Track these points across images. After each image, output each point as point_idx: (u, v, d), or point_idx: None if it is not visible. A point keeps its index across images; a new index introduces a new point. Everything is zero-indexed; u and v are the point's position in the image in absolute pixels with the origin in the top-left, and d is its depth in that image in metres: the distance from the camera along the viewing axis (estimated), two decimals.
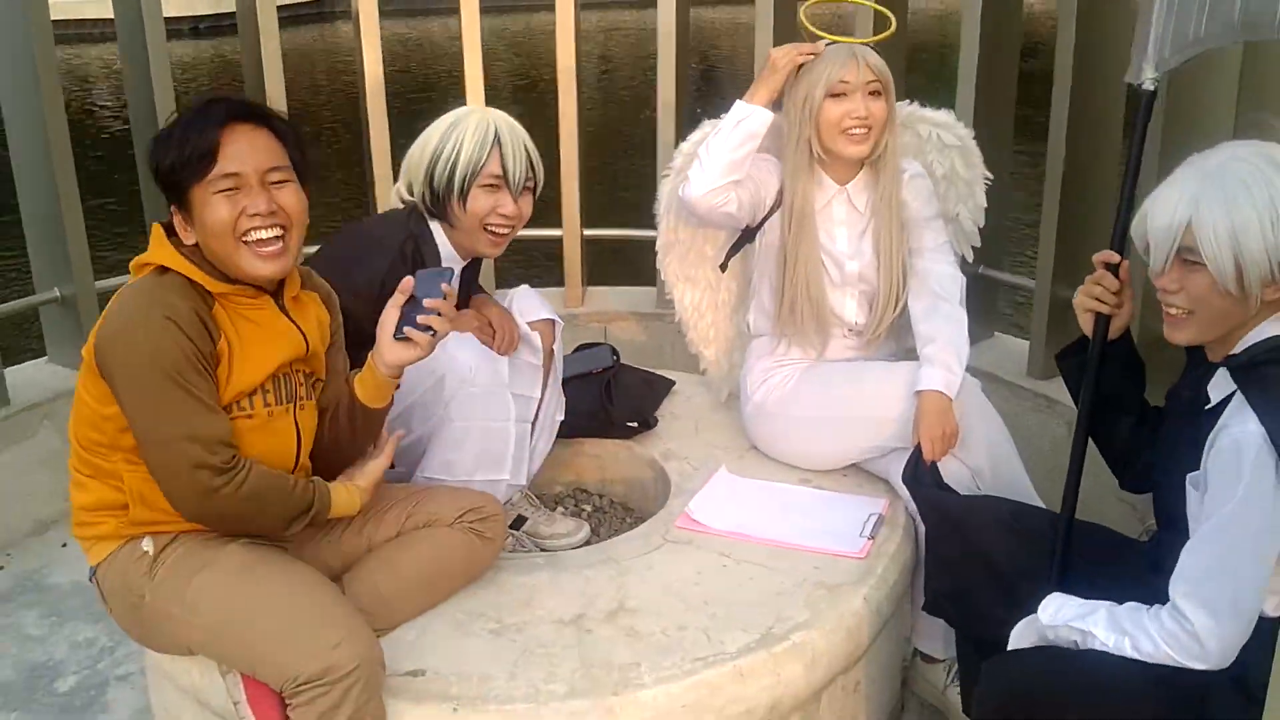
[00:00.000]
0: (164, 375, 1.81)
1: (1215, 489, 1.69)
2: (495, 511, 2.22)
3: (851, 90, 2.43)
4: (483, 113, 2.44)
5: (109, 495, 1.98)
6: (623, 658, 1.99)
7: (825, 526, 2.37)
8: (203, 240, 1.91)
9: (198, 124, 1.89)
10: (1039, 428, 3.17)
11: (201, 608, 1.93)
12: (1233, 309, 1.74)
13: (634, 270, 4.24)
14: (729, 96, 2.55)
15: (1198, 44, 1.91)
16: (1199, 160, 1.77)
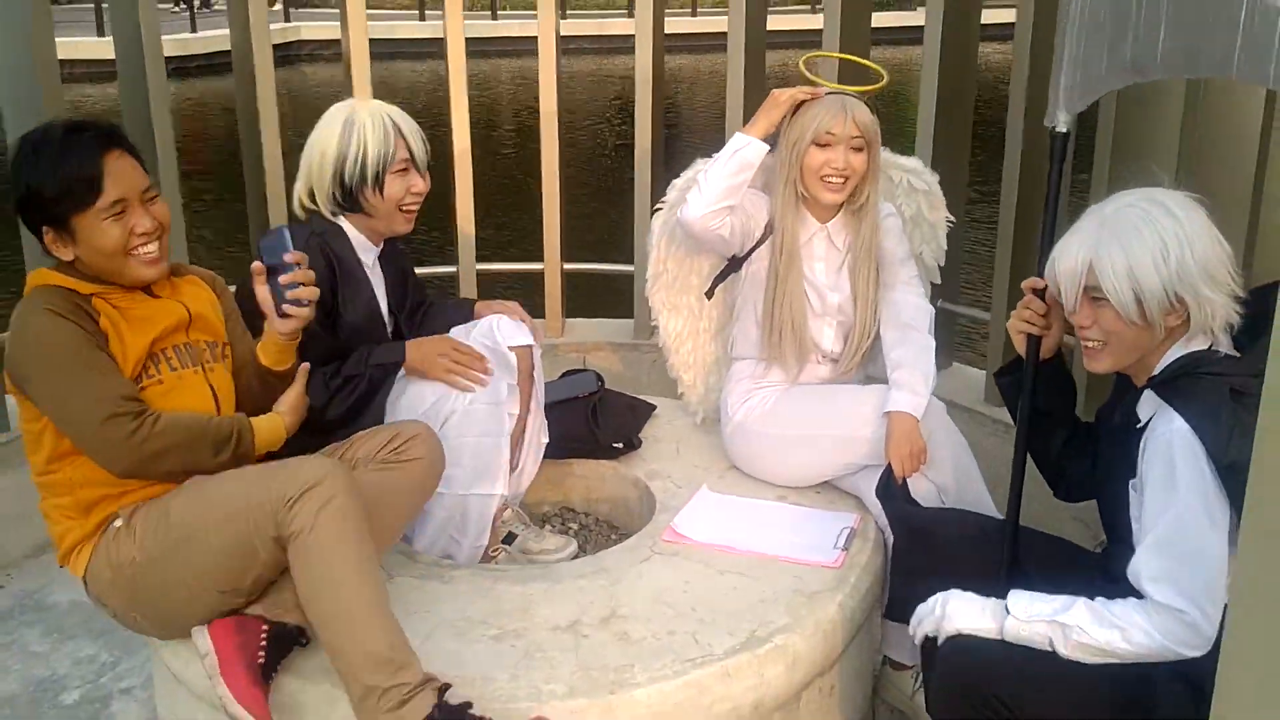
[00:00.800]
0: (58, 360, 2.01)
1: (1153, 485, 1.87)
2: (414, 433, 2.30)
3: (836, 142, 2.61)
4: (367, 107, 2.60)
5: (65, 503, 2.15)
6: (617, 660, 2.13)
7: (802, 539, 2.53)
8: (88, 258, 2.08)
9: (76, 156, 2.04)
10: (996, 450, 3.35)
11: (189, 516, 2.06)
12: (1140, 337, 1.95)
13: (610, 303, 4.41)
14: (690, 141, 2.73)
15: (1100, 87, 2.13)
16: (1096, 210, 1.99)
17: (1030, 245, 3.28)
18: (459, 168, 3.90)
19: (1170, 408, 1.89)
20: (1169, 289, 1.89)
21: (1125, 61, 2.02)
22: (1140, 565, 1.87)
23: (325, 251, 2.55)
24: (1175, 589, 1.82)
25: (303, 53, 19.92)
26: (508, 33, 21.13)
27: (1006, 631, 1.95)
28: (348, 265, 2.60)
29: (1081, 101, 2.16)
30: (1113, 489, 2.08)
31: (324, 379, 2.52)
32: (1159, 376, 1.97)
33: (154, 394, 2.12)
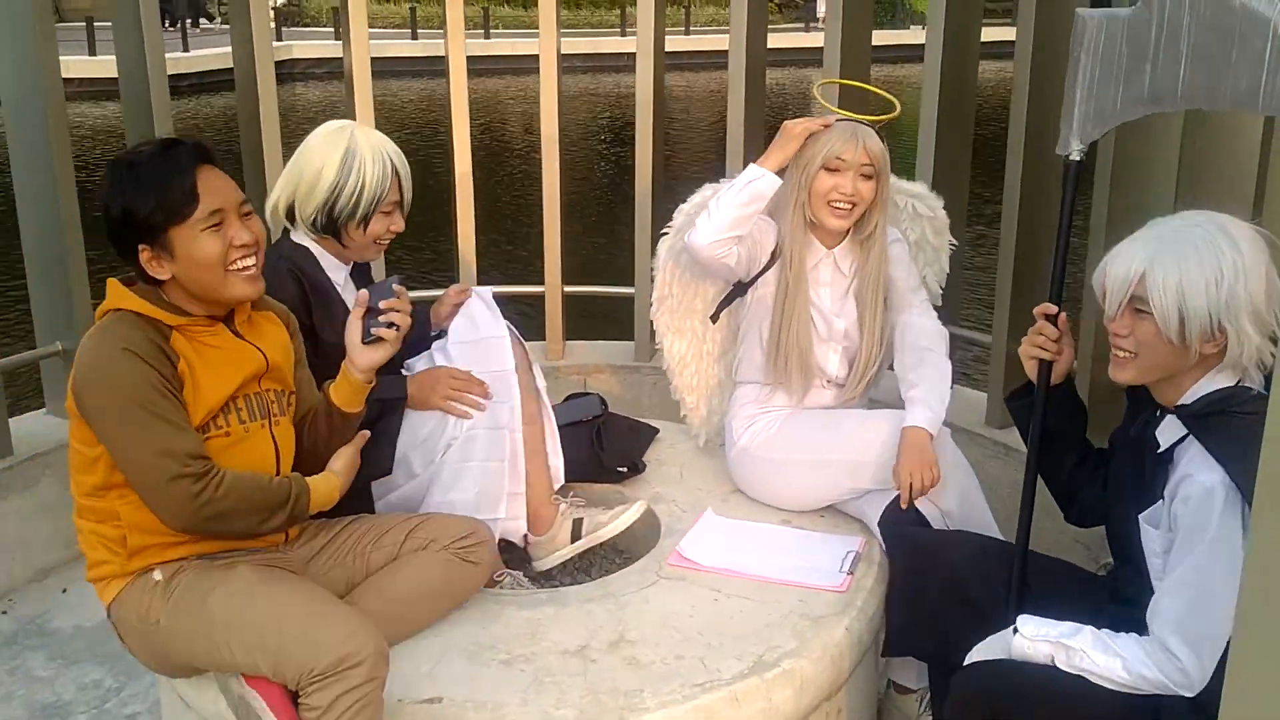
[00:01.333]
0: (131, 403, 1.97)
1: (1186, 533, 1.87)
2: (484, 538, 2.37)
3: (846, 168, 2.64)
4: (369, 139, 2.59)
5: (109, 533, 2.11)
6: (627, 684, 2.14)
7: (808, 563, 2.54)
8: (186, 273, 2.05)
9: (169, 169, 2.03)
10: (998, 473, 3.37)
11: (219, 620, 2.05)
12: (1172, 357, 1.95)
13: (609, 324, 4.44)
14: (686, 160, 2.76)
15: (1115, 117, 2.16)
16: (1160, 223, 1.98)
17: (1032, 268, 3.32)
18: (460, 190, 3.93)
19: (1206, 453, 1.88)
20: (1214, 316, 1.88)
21: (1142, 92, 2.05)
22: (1157, 603, 1.90)
23: (296, 274, 2.56)
24: (1179, 635, 1.84)
25: (295, 71, 19.98)
26: (500, 51, 21.21)
27: (1013, 650, 1.99)
28: (320, 286, 2.60)
29: (1096, 130, 2.18)
30: (1122, 510, 2.10)
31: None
32: (1190, 407, 1.96)
33: (218, 445, 2.09)
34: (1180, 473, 1.92)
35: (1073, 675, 1.93)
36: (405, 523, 2.36)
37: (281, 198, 2.63)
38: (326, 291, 2.62)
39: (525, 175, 11.06)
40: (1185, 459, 1.93)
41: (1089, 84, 2.16)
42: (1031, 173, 3.23)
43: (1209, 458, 1.88)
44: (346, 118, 3.73)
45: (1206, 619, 1.84)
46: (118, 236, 2.06)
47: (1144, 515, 2.00)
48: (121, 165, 2.05)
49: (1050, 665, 1.95)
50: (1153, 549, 1.99)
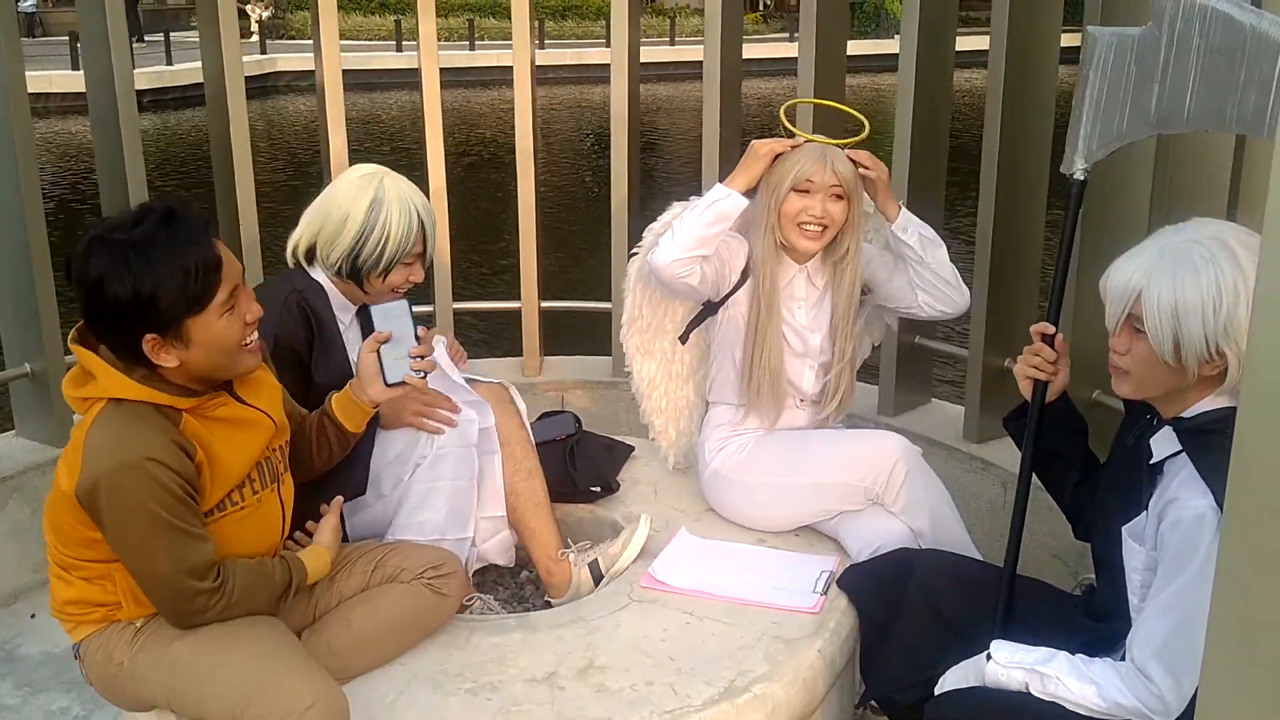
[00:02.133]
0: (153, 519, 1.87)
1: (1171, 559, 1.83)
2: (455, 569, 2.34)
3: (815, 190, 2.61)
4: (397, 189, 2.56)
5: (97, 595, 2.05)
6: (595, 712, 2.11)
7: (781, 584, 2.51)
8: (200, 360, 1.92)
9: (188, 250, 1.86)
10: (976, 488, 3.35)
11: (178, 672, 2.01)
12: (1169, 377, 1.89)
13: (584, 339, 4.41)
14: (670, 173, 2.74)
15: (1121, 138, 2.13)
16: (1166, 234, 1.91)
17: (1010, 279, 3.30)
18: (435, 206, 3.88)
19: (1197, 476, 1.83)
20: (1211, 340, 1.82)
21: (1149, 114, 2.02)
22: (1138, 627, 1.87)
23: (305, 309, 2.52)
24: (1160, 660, 1.81)
25: (280, 84, 19.95)
26: (485, 62, 21.22)
27: (987, 676, 1.97)
28: (326, 327, 2.58)
29: (1100, 150, 2.16)
30: (1108, 515, 2.08)
31: None
32: (1187, 422, 1.91)
33: (232, 519, 2.02)
34: (1169, 493, 1.89)
35: (1047, 702, 1.90)
36: (375, 551, 2.33)
37: (304, 238, 2.60)
38: (331, 333, 2.59)
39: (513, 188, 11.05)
40: (1177, 479, 1.89)
41: (1096, 103, 2.14)
42: (1006, 184, 3.21)
43: (1200, 481, 1.83)
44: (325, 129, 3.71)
45: (1188, 646, 1.79)
46: (116, 324, 1.87)
47: (1127, 527, 1.97)
48: (121, 244, 1.84)
49: (1024, 692, 1.92)
50: (1133, 565, 1.96)
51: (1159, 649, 1.81)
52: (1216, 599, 1.06)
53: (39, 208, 3.36)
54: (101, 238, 1.86)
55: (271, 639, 2.04)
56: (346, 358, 2.63)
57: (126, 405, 1.91)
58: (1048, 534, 3.06)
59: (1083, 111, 2.17)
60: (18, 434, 3.56)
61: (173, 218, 1.89)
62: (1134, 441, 2.04)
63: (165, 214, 1.89)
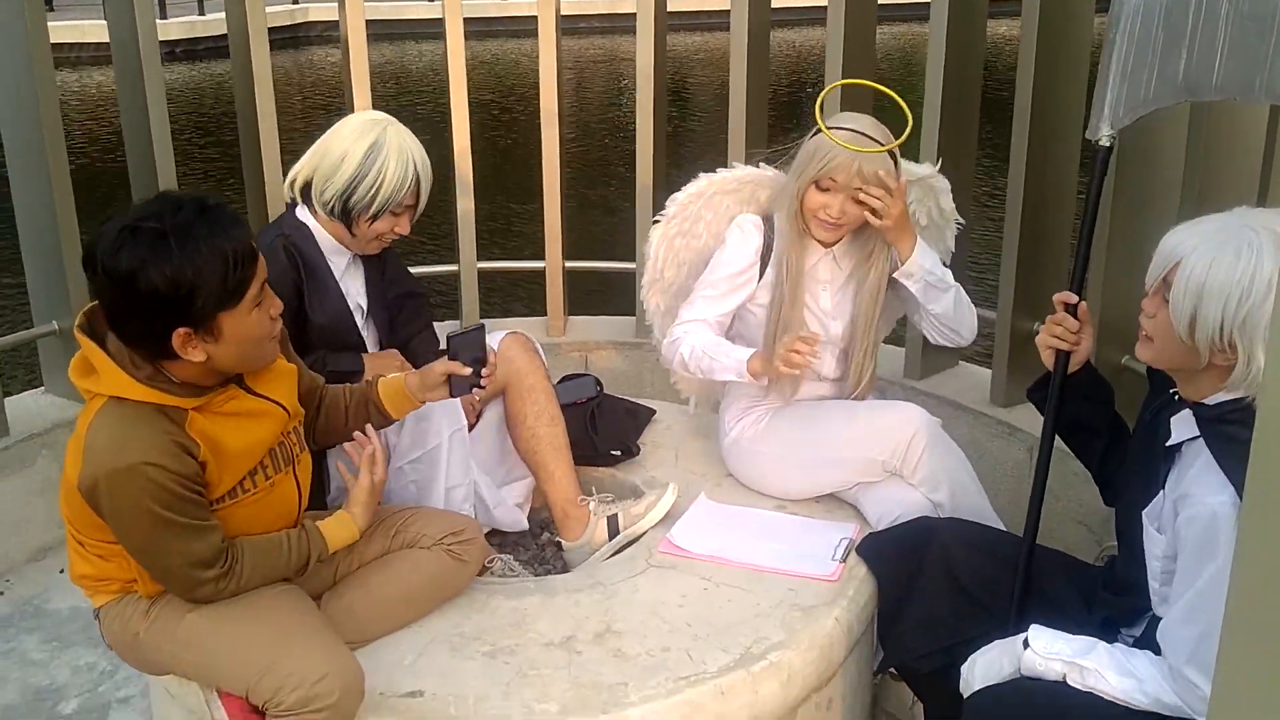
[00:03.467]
0: (154, 518, 1.85)
1: (1193, 555, 1.79)
2: (475, 535, 2.34)
3: (837, 189, 2.51)
4: (399, 139, 2.55)
5: (113, 571, 2.06)
6: (611, 678, 2.12)
7: (799, 550, 2.50)
8: (227, 355, 1.88)
9: (226, 243, 1.81)
10: (1000, 453, 3.32)
11: (192, 643, 2.03)
12: (1182, 354, 1.85)
13: (609, 298, 4.39)
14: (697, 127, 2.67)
15: (1147, 104, 2.07)
16: (1239, 212, 1.85)
17: (1039, 243, 3.24)
18: (459, 165, 3.86)
19: (1215, 467, 1.79)
20: (1226, 328, 1.77)
21: (1176, 80, 1.96)
22: (1168, 631, 1.83)
23: (291, 252, 2.54)
24: (1196, 664, 1.77)
25: (311, 34, 19.86)
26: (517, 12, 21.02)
27: (1024, 664, 1.93)
28: (314, 268, 2.58)
29: (1127, 116, 2.10)
30: (1128, 494, 2.05)
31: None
32: (1208, 409, 1.87)
33: (244, 505, 2.00)
34: (1185, 483, 1.84)
35: (1082, 694, 1.87)
36: (395, 516, 2.32)
37: (302, 173, 2.61)
38: (322, 274, 2.60)
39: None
40: (1194, 468, 1.84)
41: (1122, 68, 2.08)
42: (1038, 144, 3.15)
43: (1218, 473, 1.78)
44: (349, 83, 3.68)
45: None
46: (146, 317, 1.81)
47: (1146, 511, 1.93)
48: (158, 233, 1.77)
49: (1062, 683, 1.89)
50: (1153, 552, 1.93)
51: (1191, 654, 1.78)
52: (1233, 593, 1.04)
53: (64, 166, 3.37)
54: (134, 226, 1.79)
55: (286, 610, 2.04)
56: (343, 299, 2.63)
57: (129, 403, 1.87)
58: (1074, 501, 3.03)
59: (1109, 76, 2.11)
60: (46, 390, 3.60)
61: (205, 207, 1.84)
62: (1153, 417, 2.01)
63: (198, 203, 1.84)
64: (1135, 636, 2.00)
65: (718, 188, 2.75)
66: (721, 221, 2.76)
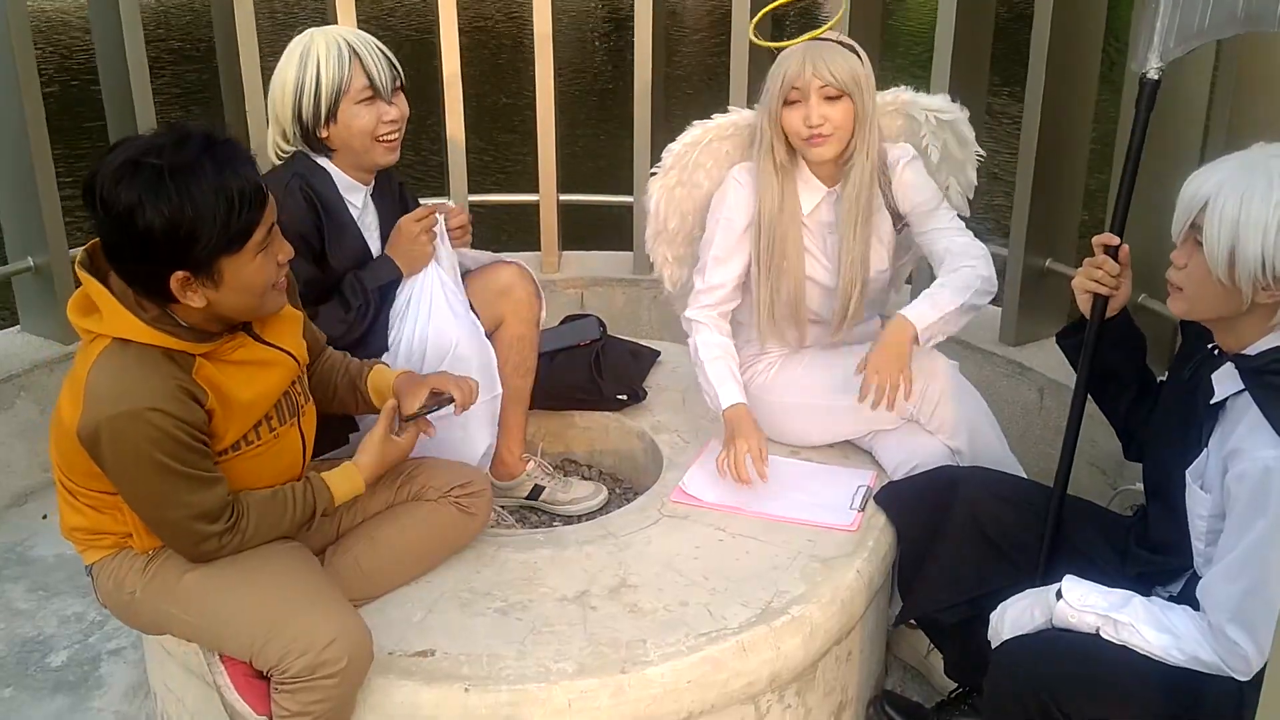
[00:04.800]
0: (158, 468, 1.76)
1: (1242, 513, 1.72)
2: (483, 487, 2.26)
3: (804, 96, 2.38)
4: (325, 34, 2.41)
5: (107, 524, 1.96)
6: (628, 634, 2.05)
7: (816, 499, 2.43)
8: (228, 301, 1.79)
9: (237, 178, 1.72)
10: (1010, 393, 3.26)
11: (191, 606, 1.94)
12: (1223, 299, 1.77)
13: (606, 234, 4.27)
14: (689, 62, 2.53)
15: (1201, 35, 1.96)
16: (1259, 147, 1.77)
17: (1053, 177, 3.15)
18: (449, 93, 3.72)
19: (1265, 425, 1.71)
20: (1269, 262, 1.69)
21: (1235, 10, 1.84)
22: (1211, 587, 1.76)
23: (306, 192, 2.38)
24: (1239, 622, 1.71)
25: None
26: None
27: (1056, 615, 1.88)
28: (332, 208, 2.43)
29: (1179, 48, 1.99)
30: (1162, 450, 1.98)
31: (338, 312, 2.39)
32: (1252, 361, 1.79)
33: (249, 456, 1.91)
34: (1234, 440, 1.76)
35: (1115, 647, 1.81)
36: (401, 467, 2.22)
37: (274, 130, 2.45)
38: (339, 213, 2.45)
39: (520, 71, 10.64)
40: (1242, 424, 1.76)
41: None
42: (1055, 76, 3.04)
43: (1268, 429, 1.70)
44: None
45: (1264, 604, 1.69)
46: (143, 258, 1.71)
47: (1190, 470, 1.85)
48: (158, 170, 1.67)
49: (1094, 635, 1.84)
50: (1198, 511, 1.85)
51: (1234, 611, 1.71)
52: None
53: (37, 97, 3.22)
54: (135, 161, 1.68)
55: (290, 570, 1.95)
56: (361, 239, 2.49)
57: (133, 346, 1.76)
58: (1086, 441, 2.93)
59: (1160, 2, 1.99)
60: (21, 329, 3.47)
61: (213, 143, 1.72)
62: (1191, 374, 1.93)
63: (205, 138, 1.72)
64: (1173, 594, 1.94)
65: (715, 134, 2.61)
66: (722, 168, 2.63)
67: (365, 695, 1.93)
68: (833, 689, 2.27)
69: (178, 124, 1.76)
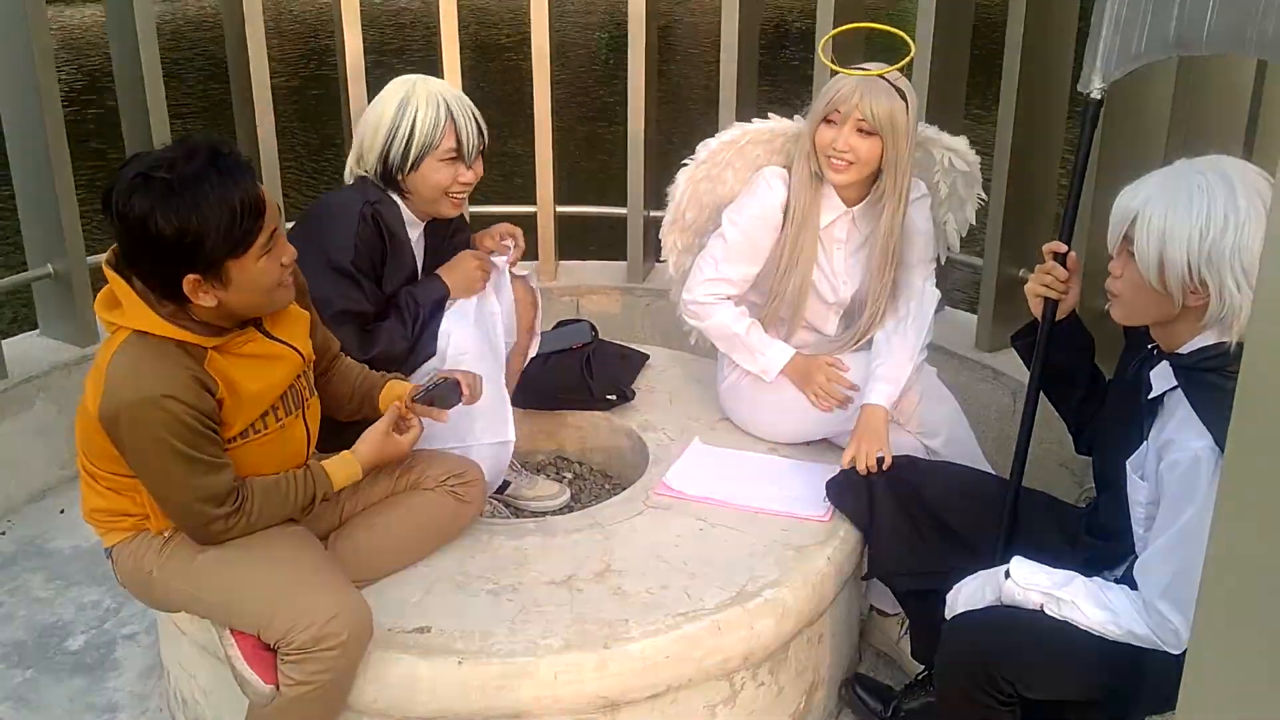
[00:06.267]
0: (171, 451, 1.91)
1: (1172, 498, 1.87)
2: (476, 476, 2.40)
3: (841, 120, 2.50)
4: (427, 87, 2.55)
5: (125, 505, 2.11)
6: (612, 614, 2.19)
7: (792, 492, 2.57)
8: (236, 301, 1.94)
9: (238, 188, 1.86)
10: (987, 397, 3.39)
11: (204, 584, 2.08)
12: (1156, 303, 1.92)
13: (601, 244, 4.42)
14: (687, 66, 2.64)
15: (1139, 57, 2.11)
16: (1181, 164, 1.92)
17: (1027, 191, 3.29)
18: None
19: (1195, 417, 1.86)
20: (1194, 267, 1.84)
21: (1168, 34, 1.99)
22: (1146, 566, 1.91)
23: (379, 221, 2.52)
24: (1169, 599, 1.85)
25: None
26: None
27: (1004, 593, 2.02)
28: (397, 238, 2.57)
29: (1119, 70, 2.13)
30: (1109, 448, 2.12)
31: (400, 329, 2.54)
32: (1185, 358, 1.94)
33: (255, 445, 2.06)
34: (1167, 431, 1.92)
35: (1058, 622, 1.95)
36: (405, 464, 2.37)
37: (353, 157, 2.61)
38: (402, 247, 2.59)
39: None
40: (1174, 419, 1.91)
41: (1115, 19, 2.10)
42: (1027, 91, 3.18)
43: (1198, 423, 1.85)
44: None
45: (1193, 585, 1.83)
46: (157, 262, 1.88)
47: (1130, 461, 2.00)
48: (167, 183, 1.83)
49: (1038, 611, 1.98)
50: (1137, 499, 2.00)
51: (1165, 589, 1.86)
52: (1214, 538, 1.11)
53: (57, 107, 3.36)
54: (146, 175, 1.85)
55: (296, 551, 2.10)
56: (416, 267, 2.65)
57: (151, 338, 1.93)
58: (1055, 442, 3.10)
59: (1101, 28, 2.14)
60: (41, 333, 3.62)
61: (218, 156, 1.88)
62: (1134, 373, 2.08)
63: (211, 152, 1.88)
64: (1117, 576, 2.08)
65: (751, 137, 2.73)
66: (749, 170, 2.75)
67: (366, 667, 2.07)
68: (805, 669, 2.41)
69: (187, 139, 1.93)
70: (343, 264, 2.45)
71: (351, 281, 2.46)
